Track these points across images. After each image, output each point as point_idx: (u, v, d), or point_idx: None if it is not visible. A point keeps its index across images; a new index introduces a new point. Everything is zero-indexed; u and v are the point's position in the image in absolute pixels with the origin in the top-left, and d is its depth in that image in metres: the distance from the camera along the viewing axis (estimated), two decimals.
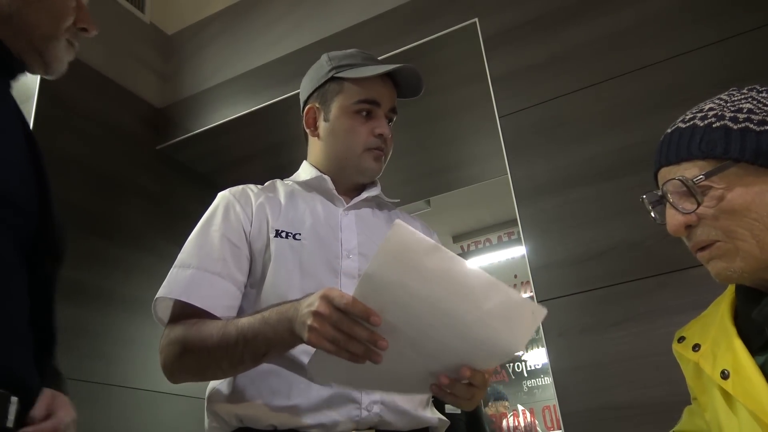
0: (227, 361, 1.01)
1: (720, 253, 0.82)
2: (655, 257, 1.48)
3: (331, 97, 1.27)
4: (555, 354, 1.53)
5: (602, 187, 1.61)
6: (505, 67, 1.87)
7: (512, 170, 1.76)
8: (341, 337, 0.83)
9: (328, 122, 1.28)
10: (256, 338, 0.98)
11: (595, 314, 1.51)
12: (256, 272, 1.16)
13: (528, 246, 1.67)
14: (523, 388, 4.98)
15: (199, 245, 1.15)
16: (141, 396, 2.04)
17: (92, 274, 2.02)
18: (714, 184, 0.80)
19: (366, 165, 1.26)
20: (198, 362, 1.05)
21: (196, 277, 1.10)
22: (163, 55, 2.65)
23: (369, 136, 1.25)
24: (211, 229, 1.17)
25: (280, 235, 1.17)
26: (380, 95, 1.26)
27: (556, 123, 1.73)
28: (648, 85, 1.64)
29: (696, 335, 0.92)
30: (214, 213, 1.20)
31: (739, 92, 0.86)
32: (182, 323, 1.07)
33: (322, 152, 1.30)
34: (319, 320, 0.85)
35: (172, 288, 1.10)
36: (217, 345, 1.01)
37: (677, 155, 0.84)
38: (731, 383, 0.79)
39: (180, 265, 1.14)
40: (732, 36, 1.57)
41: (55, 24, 0.88)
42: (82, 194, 2.09)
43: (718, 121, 0.83)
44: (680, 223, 0.83)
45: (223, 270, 1.12)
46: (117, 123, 2.32)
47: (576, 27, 1.79)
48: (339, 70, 1.27)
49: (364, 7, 2.20)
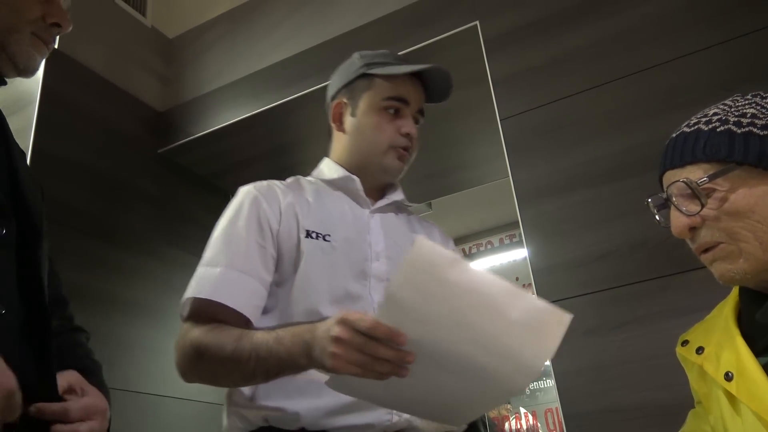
0: (239, 373, 1.00)
1: (723, 255, 0.83)
2: (658, 259, 1.48)
3: (360, 93, 1.27)
4: (557, 356, 1.52)
5: (604, 189, 1.61)
6: (506, 70, 1.87)
7: (514, 173, 1.75)
8: (367, 360, 0.82)
9: (355, 117, 1.27)
10: (269, 357, 0.96)
11: (598, 317, 1.51)
12: (283, 272, 1.13)
13: (530, 248, 1.67)
14: (525, 391, 4.97)
15: (226, 243, 1.12)
16: (143, 400, 2.04)
17: (93, 278, 2.02)
18: (718, 187, 0.82)
19: (389, 163, 1.25)
20: (211, 370, 1.03)
21: (226, 276, 1.07)
22: (164, 58, 2.66)
23: (395, 134, 1.25)
24: (237, 226, 1.14)
25: (311, 235, 1.15)
26: (409, 94, 1.27)
27: (558, 125, 1.73)
28: (649, 87, 1.64)
29: (700, 338, 0.92)
30: (239, 209, 1.16)
31: (743, 98, 0.88)
32: (201, 326, 1.05)
33: (346, 148, 1.29)
34: (342, 346, 0.83)
35: (201, 287, 1.07)
36: (230, 357, 0.98)
37: (682, 158, 0.86)
38: (735, 385, 0.80)
39: (207, 263, 1.11)
40: (734, 38, 1.57)
41: (15, 16, 0.86)
42: (84, 198, 2.09)
43: (722, 126, 0.84)
44: (684, 224, 0.84)
45: (251, 268, 1.10)
46: (118, 127, 2.32)
47: (577, 29, 1.79)
48: (370, 67, 1.27)
49: (364, 10, 2.20)
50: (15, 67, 0.88)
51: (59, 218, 1.94)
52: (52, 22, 0.90)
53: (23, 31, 0.87)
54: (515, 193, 1.73)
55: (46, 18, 0.89)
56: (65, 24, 0.92)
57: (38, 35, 0.89)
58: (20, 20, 0.86)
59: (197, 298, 1.06)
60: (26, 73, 0.90)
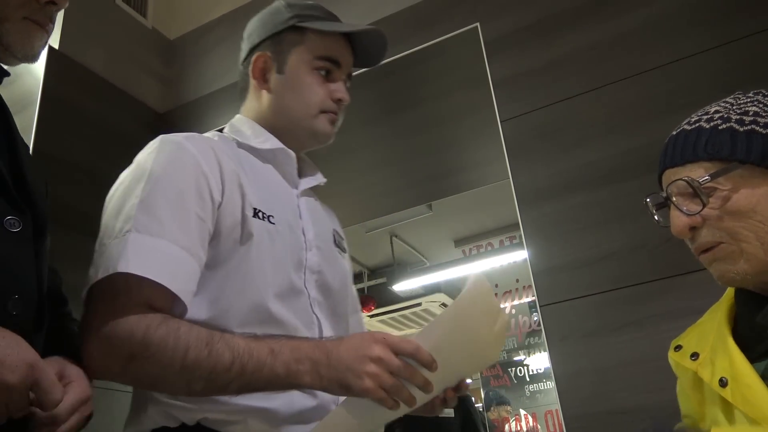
0: (204, 383, 0.84)
1: (724, 255, 0.81)
2: (658, 261, 1.48)
3: (289, 47, 1.13)
4: (557, 358, 1.53)
5: (604, 191, 1.61)
6: (506, 72, 1.87)
7: (514, 174, 1.75)
8: (397, 385, 0.81)
9: (281, 75, 1.13)
10: (260, 371, 0.83)
11: (598, 318, 1.51)
12: (219, 254, 0.95)
13: (530, 250, 1.67)
14: (525, 393, 4.96)
15: (165, 209, 0.90)
16: None
17: None
18: (719, 186, 0.80)
19: (321, 127, 1.13)
20: (156, 373, 0.84)
21: (169, 252, 0.87)
22: (164, 60, 2.66)
23: (327, 99, 1.12)
24: (173, 189, 0.93)
25: (258, 215, 0.99)
26: (342, 56, 1.15)
27: (558, 127, 1.73)
28: (649, 90, 1.64)
29: (693, 343, 0.90)
30: (173, 167, 0.95)
31: (745, 96, 0.86)
32: (139, 314, 0.84)
33: (270, 108, 1.14)
34: (381, 367, 0.81)
35: (137, 261, 0.85)
36: (199, 363, 0.82)
37: (682, 157, 0.84)
38: (730, 391, 0.78)
39: (141, 230, 0.87)
40: (734, 40, 1.57)
41: (2, 4, 0.79)
42: (84, 198, 2.08)
43: (724, 123, 0.83)
44: (685, 224, 0.83)
45: (191, 245, 0.90)
46: (119, 128, 2.32)
47: (577, 31, 1.79)
48: (302, 19, 1.14)
49: (365, 11, 2.20)
50: (14, 56, 0.83)
51: (59, 219, 1.94)
52: (46, 0, 0.83)
53: (14, 19, 0.80)
54: (515, 195, 1.73)
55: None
56: (61, 0, 0.84)
57: (32, 19, 0.82)
58: (7, 7, 0.79)
59: (129, 273, 0.84)
60: (28, 60, 0.84)
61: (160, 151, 0.98)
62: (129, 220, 0.89)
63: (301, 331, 0.98)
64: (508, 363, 5.03)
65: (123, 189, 0.96)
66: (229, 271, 0.95)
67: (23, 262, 0.78)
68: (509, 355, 5.04)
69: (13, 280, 0.76)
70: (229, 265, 0.95)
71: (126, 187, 0.96)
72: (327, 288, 1.08)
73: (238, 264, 0.95)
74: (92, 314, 0.86)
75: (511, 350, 5.05)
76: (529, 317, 5.04)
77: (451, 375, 0.88)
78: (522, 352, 5.01)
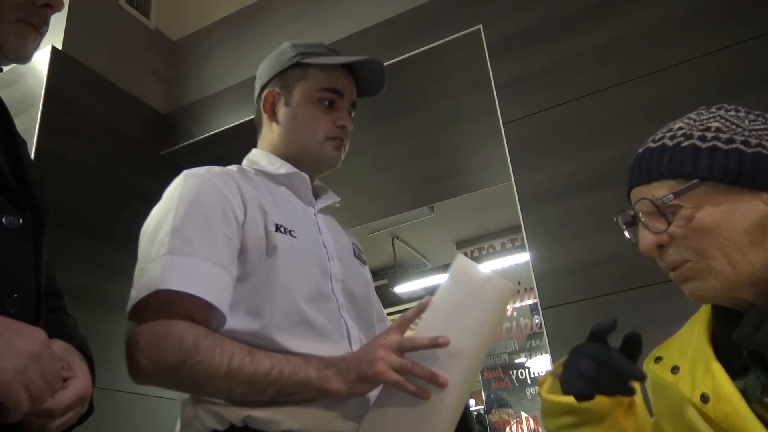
0: (245, 387, 0.93)
1: (693, 274, 0.80)
2: (659, 265, 1.47)
3: (294, 82, 1.24)
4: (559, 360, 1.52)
5: (606, 194, 1.60)
6: (509, 74, 1.87)
7: (516, 177, 1.75)
8: (407, 363, 0.92)
9: (289, 107, 1.23)
10: (295, 374, 0.94)
11: None
12: (249, 267, 1.04)
13: (532, 252, 1.67)
14: (527, 395, 4.96)
15: (195, 231, 1.00)
16: (146, 402, 2.04)
17: (96, 279, 2.02)
18: (683, 203, 0.79)
19: (328, 153, 1.22)
20: (202, 378, 0.93)
21: (203, 268, 0.97)
22: (167, 61, 2.67)
23: (331, 126, 1.22)
24: (200, 214, 1.02)
25: (280, 229, 1.08)
26: (344, 86, 1.24)
27: (560, 130, 1.73)
28: (652, 92, 1.64)
29: (674, 356, 0.89)
30: (197, 196, 1.05)
31: (708, 111, 0.86)
32: (187, 326, 0.94)
33: (281, 139, 1.24)
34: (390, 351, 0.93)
35: (175, 278, 0.94)
36: (242, 368, 0.93)
37: (648, 175, 0.84)
38: (711, 407, 0.77)
39: (175, 252, 0.97)
40: (737, 43, 1.57)
41: None
42: (87, 199, 2.09)
43: (686, 140, 0.82)
44: (652, 242, 0.82)
45: (223, 261, 1.00)
46: (122, 128, 2.33)
47: (579, 34, 1.79)
48: (304, 56, 1.24)
49: (368, 14, 2.21)
50: (6, 58, 0.82)
51: (61, 219, 1.95)
52: (42, 3, 0.82)
53: (7, 21, 0.80)
54: (518, 197, 1.73)
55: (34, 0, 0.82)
56: (56, 3, 0.83)
57: (27, 21, 0.81)
58: (2, 9, 0.79)
59: (170, 290, 0.93)
60: (20, 61, 0.84)
61: (185, 184, 1.08)
62: (164, 245, 0.98)
63: (331, 333, 1.06)
64: (509, 366, 5.03)
65: (155, 221, 1.05)
66: (259, 282, 1.04)
67: (22, 260, 0.78)
68: (510, 357, 5.03)
69: (12, 279, 0.75)
70: (258, 276, 1.04)
71: (158, 219, 1.05)
72: (352, 294, 1.16)
73: (266, 275, 1.04)
74: (139, 327, 0.95)
75: (512, 353, 5.05)
76: (530, 320, 5.04)
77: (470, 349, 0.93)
78: (523, 354, 5.00)
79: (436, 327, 0.92)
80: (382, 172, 2.80)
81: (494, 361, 5.10)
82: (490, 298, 0.94)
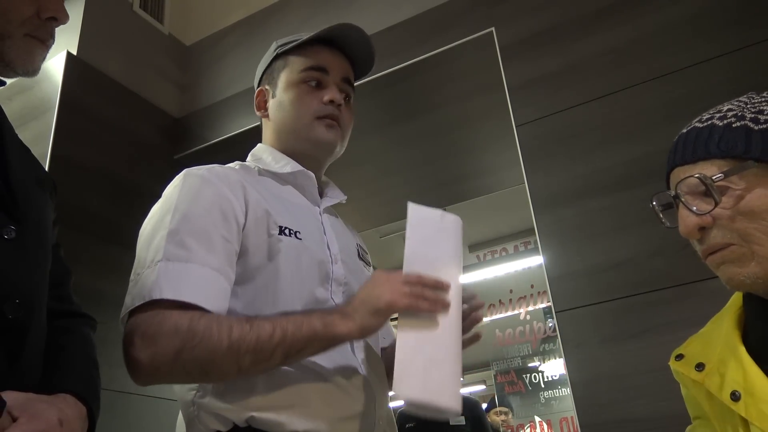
0: (252, 356, 0.89)
1: (734, 257, 0.77)
2: (675, 267, 1.46)
3: (278, 74, 1.23)
4: (573, 365, 1.51)
5: (620, 197, 1.59)
6: (521, 77, 1.86)
7: (529, 179, 1.75)
8: (415, 291, 0.93)
9: (275, 98, 1.23)
10: (299, 330, 0.90)
11: (614, 325, 1.49)
12: (247, 271, 1.02)
13: (545, 256, 1.66)
14: (540, 399, 4.94)
15: (192, 235, 0.97)
16: (159, 404, 2.05)
17: (111, 283, 2.03)
18: (732, 185, 0.77)
19: (319, 135, 1.17)
20: (205, 357, 0.89)
21: (201, 274, 0.94)
22: (181, 65, 2.68)
23: (318, 104, 1.17)
24: (198, 216, 1.00)
25: (284, 232, 1.05)
26: (327, 61, 1.21)
27: (574, 132, 1.72)
28: (665, 94, 1.62)
29: (698, 353, 0.87)
30: (196, 196, 1.02)
31: (759, 95, 0.84)
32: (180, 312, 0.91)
33: (275, 132, 1.22)
34: (395, 282, 0.94)
35: (172, 286, 0.91)
36: (243, 337, 0.89)
37: (694, 154, 0.81)
38: (743, 405, 0.74)
39: (171, 258, 0.94)
40: (753, 44, 1.55)
41: (4, 21, 0.79)
42: (101, 203, 2.11)
43: (738, 121, 0.80)
44: (695, 223, 0.79)
45: (220, 266, 0.97)
46: (135, 133, 2.35)
47: (592, 36, 1.78)
48: (284, 47, 1.24)
49: (381, 16, 2.21)
50: (14, 72, 0.84)
51: (76, 223, 1.96)
52: (47, 17, 0.83)
53: (15, 36, 0.81)
54: (531, 199, 1.72)
55: (40, 14, 0.83)
56: (62, 16, 0.85)
57: (33, 35, 0.83)
58: (10, 25, 0.80)
59: (167, 299, 0.91)
60: (27, 75, 0.85)
61: (184, 184, 1.06)
62: (159, 251, 0.96)
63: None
64: (522, 369, 5.00)
65: (153, 223, 1.03)
66: (258, 286, 1.02)
67: (19, 268, 0.79)
68: (524, 361, 5.01)
69: (9, 285, 0.76)
70: (257, 281, 1.02)
71: (155, 220, 1.03)
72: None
73: (266, 280, 1.02)
74: (134, 331, 0.92)
75: (525, 356, 5.02)
76: (543, 323, 5.01)
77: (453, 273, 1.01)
78: (537, 358, 4.98)
79: (421, 266, 0.97)
80: (394, 175, 2.80)
81: (507, 364, 5.08)
82: (452, 227, 1.07)
